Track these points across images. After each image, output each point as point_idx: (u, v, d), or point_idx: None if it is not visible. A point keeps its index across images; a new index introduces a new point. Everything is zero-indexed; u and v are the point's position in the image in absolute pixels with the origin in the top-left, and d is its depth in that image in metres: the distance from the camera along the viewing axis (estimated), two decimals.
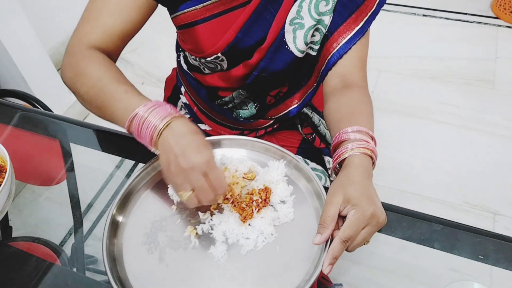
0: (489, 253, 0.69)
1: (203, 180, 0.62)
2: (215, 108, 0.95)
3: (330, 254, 0.59)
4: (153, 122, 0.63)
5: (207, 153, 0.62)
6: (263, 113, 0.95)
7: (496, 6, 2.39)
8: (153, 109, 0.64)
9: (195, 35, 0.79)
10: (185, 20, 0.78)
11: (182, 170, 0.61)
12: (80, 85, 0.72)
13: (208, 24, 0.77)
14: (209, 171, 0.62)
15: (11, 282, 0.68)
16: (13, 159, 0.72)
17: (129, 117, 0.65)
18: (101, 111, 0.71)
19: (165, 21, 0.88)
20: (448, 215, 0.84)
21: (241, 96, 0.90)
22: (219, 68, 0.85)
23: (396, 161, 1.78)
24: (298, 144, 1.02)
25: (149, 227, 0.70)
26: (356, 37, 0.79)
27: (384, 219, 0.62)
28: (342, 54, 0.80)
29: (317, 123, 1.00)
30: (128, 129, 0.67)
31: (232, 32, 0.78)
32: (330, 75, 0.82)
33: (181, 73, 0.98)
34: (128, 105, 0.66)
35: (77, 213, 0.88)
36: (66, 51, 0.75)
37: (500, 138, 1.84)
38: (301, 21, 0.78)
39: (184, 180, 0.62)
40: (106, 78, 0.70)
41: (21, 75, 1.70)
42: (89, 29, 0.74)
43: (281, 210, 0.69)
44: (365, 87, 0.81)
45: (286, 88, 0.92)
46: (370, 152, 0.66)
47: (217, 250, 0.66)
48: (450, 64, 2.16)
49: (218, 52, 0.80)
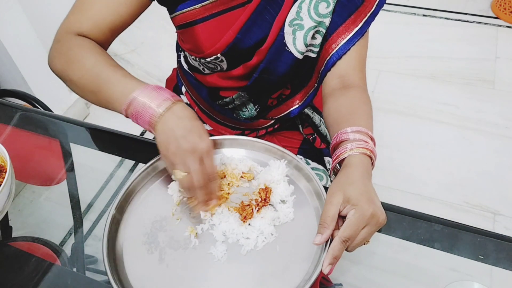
0: (489, 253, 0.69)
1: (198, 164, 0.64)
2: (216, 107, 0.95)
3: (330, 254, 0.59)
4: (153, 106, 0.65)
5: (208, 139, 0.66)
6: (263, 114, 0.95)
7: (496, 6, 2.39)
8: (152, 92, 0.66)
9: (194, 35, 0.79)
10: (184, 20, 0.78)
11: (182, 151, 0.64)
12: (72, 71, 0.72)
13: (207, 23, 0.77)
14: (205, 158, 0.65)
15: (11, 282, 0.68)
16: (13, 159, 0.72)
17: (127, 100, 0.66)
18: (96, 96, 0.71)
19: (165, 21, 0.88)
20: (448, 215, 0.84)
21: (242, 98, 0.90)
22: (219, 68, 0.85)
23: (396, 161, 1.78)
24: (299, 145, 1.02)
25: (149, 227, 0.70)
26: (355, 38, 0.79)
27: (384, 218, 0.62)
28: (341, 55, 0.80)
29: (318, 123, 1.00)
30: (125, 113, 0.68)
31: (231, 32, 0.78)
32: (329, 75, 0.82)
33: (182, 73, 0.98)
34: (125, 89, 0.67)
35: (77, 213, 0.88)
36: (54, 39, 0.75)
37: (500, 138, 1.84)
38: (300, 22, 0.78)
39: (181, 161, 0.64)
40: (100, 64, 0.71)
41: (21, 75, 1.70)
42: (79, 18, 0.75)
43: (281, 210, 0.70)
44: (364, 87, 0.81)
45: (288, 90, 0.92)
46: (369, 152, 0.66)
47: (217, 250, 0.66)
48: (450, 64, 2.16)
49: (217, 52, 0.80)
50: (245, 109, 0.94)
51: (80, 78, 0.71)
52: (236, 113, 0.95)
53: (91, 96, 0.72)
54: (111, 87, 0.68)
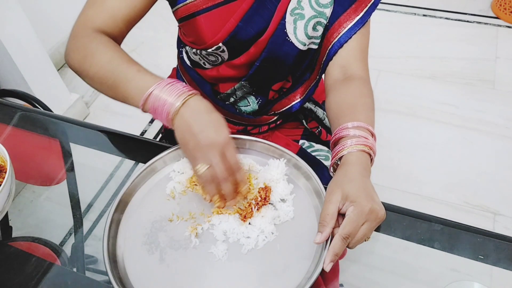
0: (489, 253, 0.69)
1: (219, 157, 0.64)
2: (219, 103, 0.95)
3: (331, 252, 0.59)
4: (169, 100, 0.65)
5: (225, 132, 0.65)
6: (265, 109, 0.95)
7: (496, 6, 2.39)
8: (169, 86, 0.66)
9: (196, 26, 0.79)
10: (187, 12, 0.78)
11: (201, 147, 0.64)
12: (89, 66, 0.72)
13: (209, 14, 0.78)
14: (227, 151, 0.64)
15: (11, 282, 0.68)
16: (13, 159, 0.72)
17: (144, 96, 0.66)
18: (113, 91, 0.72)
19: (165, 21, 0.88)
20: (448, 215, 0.84)
21: (244, 88, 0.90)
22: (220, 60, 0.85)
23: (396, 161, 1.78)
24: (301, 132, 1.02)
25: (149, 227, 0.69)
26: (357, 27, 0.80)
27: (383, 214, 0.62)
28: (343, 43, 0.80)
29: (321, 116, 1.00)
30: (142, 108, 0.68)
31: (233, 21, 0.78)
32: (331, 66, 0.83)
33: (183, 69, 0.98)
34: (142, 84, 0.67)
35: (77, 213, 0.88)
36: (71, 35, 0.76)
37: (500, 138, 1.84)
38: (301, 12, 0.78)
39: (201, 155, 0.64)
40: (116, 59, 0.71)
41: (21, 75, 1.70)
42: (94, 13, 0.75)
43: (281, 209, 0.70)
44: (366, 78, 0.81)
45: (289, 83, 0.92)
46: (368, 149, 0.66)
47: (218, 249, 0.66)
48: (450, 64, 2.16)
49: (219, 42, 0.80)
50: (247, 103, 0.94)
51: (96, 73, 0.72)
52: (239, 108, 0.95)
53: (108, 92, 0.73)
54: (126, 83, 0.69)
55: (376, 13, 0.82)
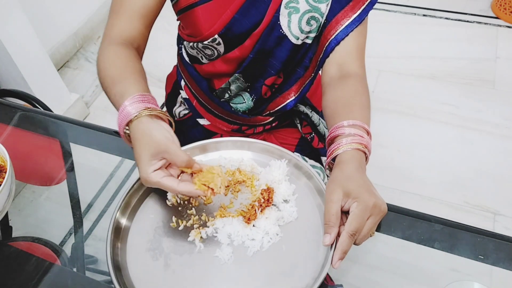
0: (489, 253, 0.69)
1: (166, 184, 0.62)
2: (215, 100, 0.95)
3: (340, 249, 0.59)
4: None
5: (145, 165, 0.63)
6: (260, 107, 0.95)
7: (496, 6, 2.39)
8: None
9: (194, 17, 0.80)
10: (186, 3, 0.80)
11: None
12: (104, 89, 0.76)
13: (207, 5, 0.79)
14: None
15: (11, 282, 0.68)
16: (13, 159, 0.72)
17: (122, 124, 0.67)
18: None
19: (165, 21, 0.88)
20: (448, 215, 0.84)
21: (238, 82, 0.90)
22: (216, 54, 0.86)
23: (396, 161, 1.78)
24: (296, 143, 1.02)
25: (152, 233, 0.69)
26: (354, 24, 0.80)
27: (386, 207, 0.63)
28: (340, 40, 0.80)
29: (316, 122, 1.01)
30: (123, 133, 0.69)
31: (229, 12, 0.79)
32: (328, 63, 0.83)
33: (183, 66, 0.99)
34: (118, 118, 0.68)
35: (77, 213, 0.88)
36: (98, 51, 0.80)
37: (500, 138, 1.84)
38: (296, 5, 0.79)
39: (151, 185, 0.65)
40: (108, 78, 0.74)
41: (21, 75, 1.70)
42: (113, 21, 0.79)
43: (285, 210, 0.69)
44: (362, 76, 0.81)
45: (281, 79, 0.93)
46: (363, 147, 0.66)
47: (223, 253, 0.65)
48: (450, 64, 2.16)
49: (215, 33, 0.81)
50: (242, 99, 0.94)
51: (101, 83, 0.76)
52: (234, 107, 0.95)
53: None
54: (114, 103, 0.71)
55: (376, 13, 0.82)
